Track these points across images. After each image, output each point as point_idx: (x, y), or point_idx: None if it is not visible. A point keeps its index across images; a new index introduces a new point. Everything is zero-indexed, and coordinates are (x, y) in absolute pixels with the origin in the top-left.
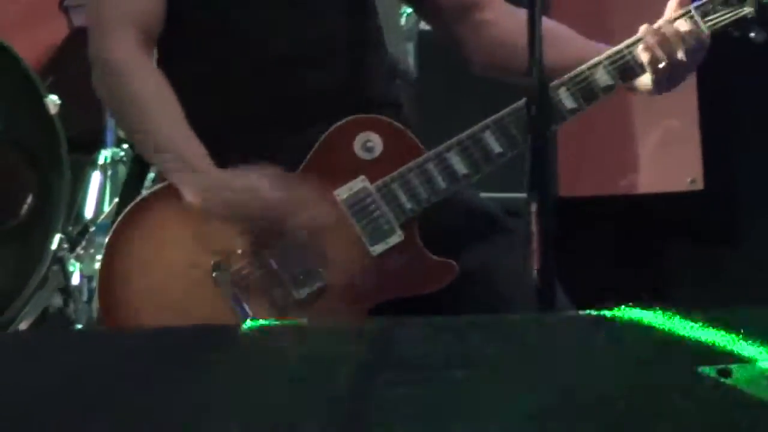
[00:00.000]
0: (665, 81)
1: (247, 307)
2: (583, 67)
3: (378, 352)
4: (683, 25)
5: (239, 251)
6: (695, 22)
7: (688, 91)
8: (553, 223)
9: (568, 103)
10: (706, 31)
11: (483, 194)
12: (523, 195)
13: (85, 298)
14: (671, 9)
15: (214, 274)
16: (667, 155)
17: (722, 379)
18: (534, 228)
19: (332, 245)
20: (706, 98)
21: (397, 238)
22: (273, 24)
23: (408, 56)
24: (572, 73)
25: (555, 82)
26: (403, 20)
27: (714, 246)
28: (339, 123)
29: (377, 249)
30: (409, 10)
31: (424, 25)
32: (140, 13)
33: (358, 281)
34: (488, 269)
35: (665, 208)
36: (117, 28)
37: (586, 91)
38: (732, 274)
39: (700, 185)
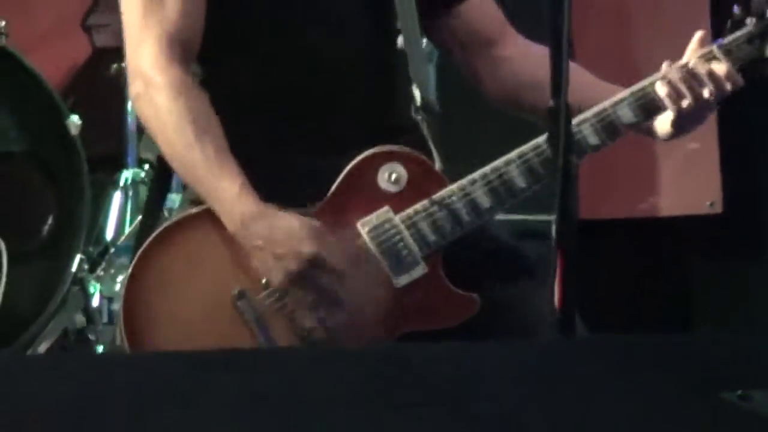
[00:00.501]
0: (686, 121)
1: (269, 337)
2: (607, 103)
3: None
4: (709, 65)
5: (264, 280)
6: (720, 61)
7: None
8: (575, 254)
9: (592, 139)
10: (731, 71)
11: (504, 216)
12: (545, 216)
13: (105, 319)
14: (693, 46)
15: (238, 303)
16: (686, 178)
17: (743, 404)
18: (556, 257)
19: (355, 276)
20: (726, 121)
21: (420, 270)
22: (299, 49)
23: (429, 79)
24: (596, 109)
25: (578, 118)
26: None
27: (736, 267)
28: (364, 154)
29: (401, 281)
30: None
31: None
32: (175, 26)
33: (381, 313)
34: (510, 306)
35: (687, 229)
36: (149, 42)
37: (610, 128)
38: (755, 295)
39: (719, 208)
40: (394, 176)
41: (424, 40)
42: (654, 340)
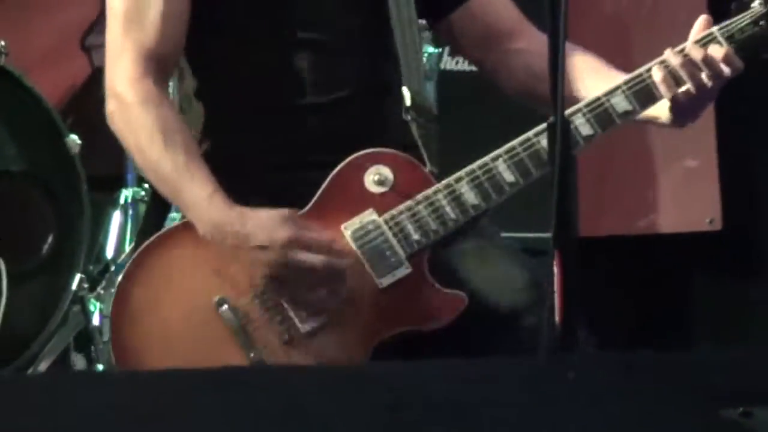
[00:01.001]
0: (685, 109)
1: (253, 341)
2: (600, 93)
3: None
4: (709, 49)
5: (245, 286)
6: (721, 44)
7: (706, 130)
8: (576, 264)
9: (584, 129)
10: (731, 53)
11: (505, 234)
12: (546, 234)
13: (105, 338)
14: (695, 31)
15: (219, 310)
16: (686, 195)
17: (744, 421)
18: (556, 270)
19: (342, 281)
20: (725, 138)
21: (404, 270)
22: (295, 68)
23: (422, 81)
24: (588, 99)
25: (570, 109)
26: (424, 59)
27: (736, 284)
28: (350, 158)
29: (384, 281)
30: (431, 49)
31: (444, 65)
32: (152, 42)
33: (365, 314)
34: (503, 304)
35: (686, 246)
36: (125, 59)
37: (603, 118)
38: (755, 311)
39: (718, 225)
40: (380, 178)
41: (425, 57)
42: (654, 356)
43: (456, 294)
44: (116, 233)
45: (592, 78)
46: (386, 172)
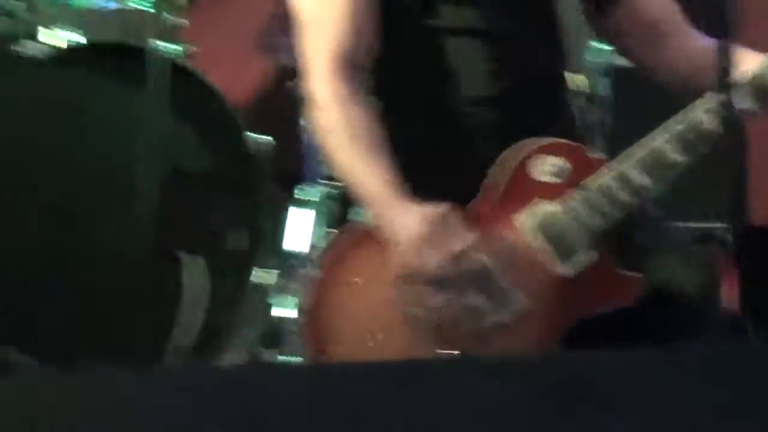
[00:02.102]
0: None
1: (439, 337)
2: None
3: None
4: None
5: (430, 285)
6: None
7: None
8: (748, 251)
9: (743, 103)
10: None
11: (676, 223)
12: (716, 225)
13: (292, 330)
14: None
15: (404, 306)
16: None
17: None
18: (730, 256)
19: (521, 270)
20: None
21: (586, 256)
22: (465, 59)
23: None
24: (752, 72)
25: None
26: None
27: None
28: (517, 146)
29: (569, 270)
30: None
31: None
32: (339, 44)
33: (552, 303)
34: (677, 289)
35: None
36: (316, 61)
37: (763, 91)
38: None
39: None
40: (549, 167)
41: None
42: None
43: (635, 276)
44: (298, 229)
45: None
46: (555, 161)
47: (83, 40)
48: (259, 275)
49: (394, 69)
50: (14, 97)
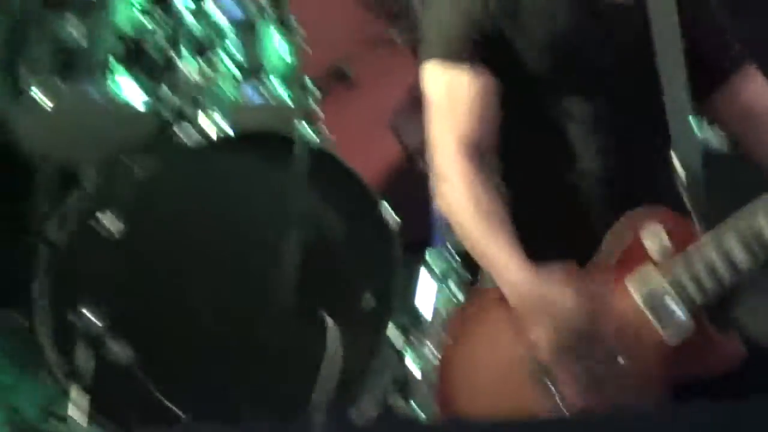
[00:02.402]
0: None
1: (554, 392)
2: None
3: None
4: None
5: (547, 342)
6: None
7: None
8: None
9: None
10: None
11: None
12: None
13: (421, 392)
14: None
15: (527, 365)
16: None
17: None
18: None
19: (628, 335)
20: None
21: (688, 325)
22: (576, 138)
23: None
24: None
25: None
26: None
27: None
28: (626, 215)
29: (671, 338)
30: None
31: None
32: (465, 128)
33: (654, 369)
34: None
35: None
36: (444, 144)
37: None
38: None
39: None
40: (656, 235)
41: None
42: None
43: (735, 343)
44: (426, 291)
45: None
46: (662, 229)
47: (229, 129)
48: (391, 332)
49: (516, 152)
50: (182, 178)
